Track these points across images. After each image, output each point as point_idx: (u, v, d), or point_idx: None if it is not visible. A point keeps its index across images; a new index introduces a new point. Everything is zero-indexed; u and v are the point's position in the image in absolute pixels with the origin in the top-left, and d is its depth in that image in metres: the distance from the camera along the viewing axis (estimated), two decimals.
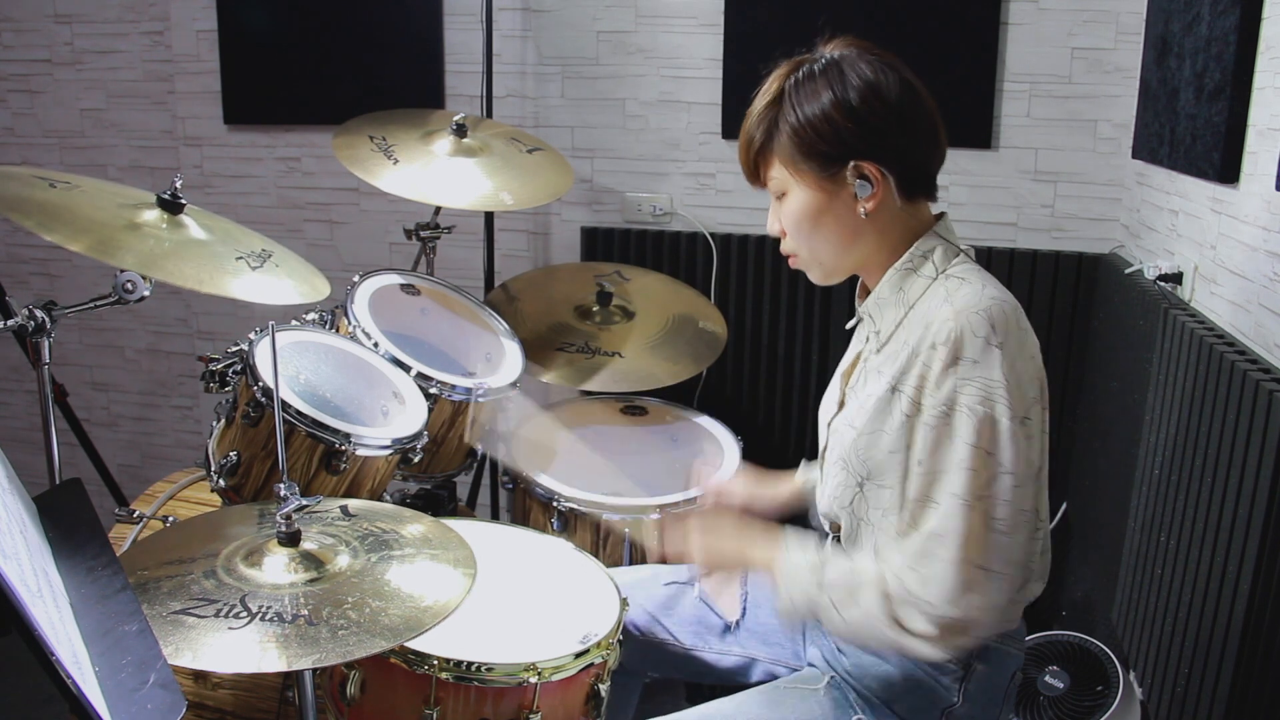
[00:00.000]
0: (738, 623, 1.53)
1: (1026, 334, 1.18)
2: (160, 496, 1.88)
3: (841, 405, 1.34)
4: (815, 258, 1.29)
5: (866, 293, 1.33)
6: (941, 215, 1.29)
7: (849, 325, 1.39)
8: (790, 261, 1.33)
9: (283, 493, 1.26)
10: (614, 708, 1.55)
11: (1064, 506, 2.35)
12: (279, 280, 1.66)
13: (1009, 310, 1.17)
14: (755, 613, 1.53)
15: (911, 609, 1.16)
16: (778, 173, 1.26)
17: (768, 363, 2.58)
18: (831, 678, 1.37)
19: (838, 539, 1.35)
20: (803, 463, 1.61)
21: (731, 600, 1.54)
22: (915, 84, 1.23)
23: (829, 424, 1.36)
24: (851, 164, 1.21)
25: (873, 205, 1.22)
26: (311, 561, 1.24)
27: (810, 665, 1.44)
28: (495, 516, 2.70)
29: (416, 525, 1.38)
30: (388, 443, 1.63)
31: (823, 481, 1.37)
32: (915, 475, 1.18)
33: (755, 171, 1.29)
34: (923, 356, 1.17)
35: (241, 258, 1.65)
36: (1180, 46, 1.84)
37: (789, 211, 1.27)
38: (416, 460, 1.71)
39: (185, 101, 2.91)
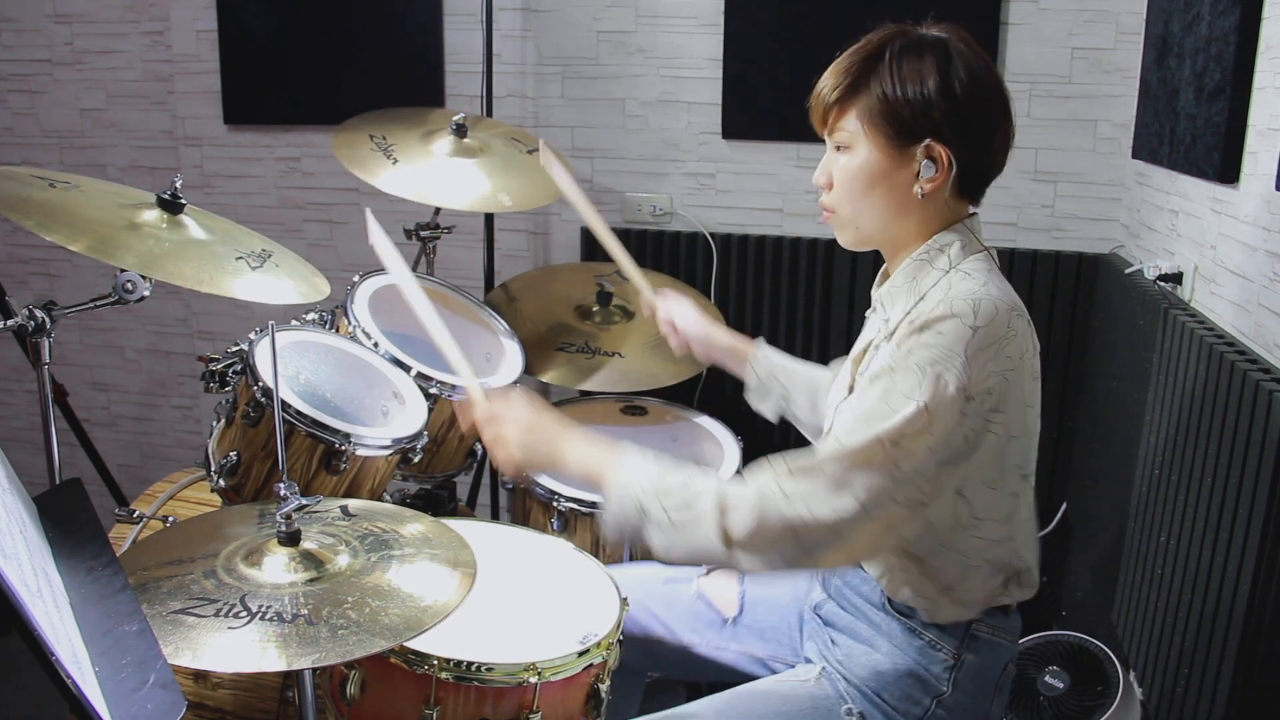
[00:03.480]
0: (735, 618, 1.53)
1: (1014, 337, 1.16)
2: (160, 496, 1.88)
3: (851, 390, 1.35)
4: (855, 220, 1.28)
5: (886, 279, 1.33)
6: (973, 214, 1.29)
7: (868, 312, 1.39)
8: (824, 217, 1.32)
9: (283, 493, 1.26)
10: (616, 708, 1.55)
11: (1064, 506, 2.34)
12: (279, 280, 1.66)
13: (1000, 307, 1.16)
14: (753, 609, 1.54)
15: (742, 514, 1.15)
16: (851, 125, 1.24)
17: None
18: (823, 669, 1.38)
19: None
20: (762, 341, 1.68)
21: (729, 596, 1.55)
22: (1008, 93, 1.23)
23: (836, 407, 1.36)
24: (926, 142, 1.20)
25: (930, 188, 1.22)
26: (311, 561, 1.24)
27: (806, 660, 1.44)
28: (495, 516, 2.70)
29: (416, 525, 1.38)
30: (388, 443, 1.63)
31: None
32: (844, 413, 1.21)
33: (825, 117, 1.28)
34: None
35: (241, 258, 1.65)
36: (1180, 46, 1.84)
37: (846, 166, 1.26)
38: (416, 460, 1.71)
39: (185, 101, 2.91)
